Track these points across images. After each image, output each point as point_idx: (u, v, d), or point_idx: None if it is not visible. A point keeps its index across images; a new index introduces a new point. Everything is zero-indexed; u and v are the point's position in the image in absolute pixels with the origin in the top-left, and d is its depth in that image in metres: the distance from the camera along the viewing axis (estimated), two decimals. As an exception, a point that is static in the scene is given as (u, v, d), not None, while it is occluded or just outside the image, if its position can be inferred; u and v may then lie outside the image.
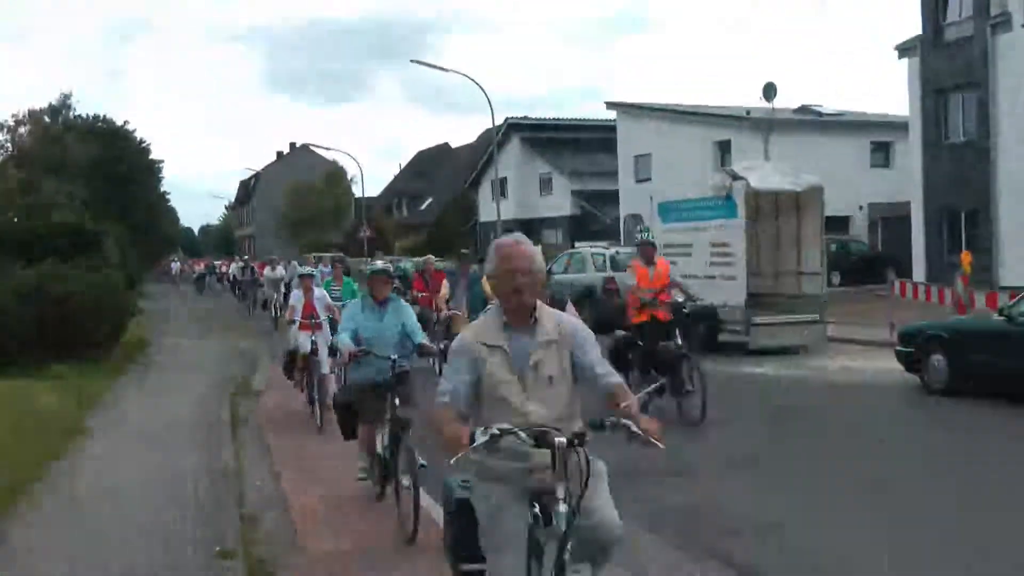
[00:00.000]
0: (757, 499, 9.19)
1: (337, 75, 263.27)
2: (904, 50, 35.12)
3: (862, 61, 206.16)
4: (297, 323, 14.27)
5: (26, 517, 8.79)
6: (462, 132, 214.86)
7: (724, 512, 8.72)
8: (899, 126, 38.33)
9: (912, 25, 43.36)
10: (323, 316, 14.40)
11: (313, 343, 13.90)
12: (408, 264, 45.36)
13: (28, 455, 11.08)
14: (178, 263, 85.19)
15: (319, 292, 14.92)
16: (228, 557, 7.42)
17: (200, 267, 74.51)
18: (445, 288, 18.97)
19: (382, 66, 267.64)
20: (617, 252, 28.10)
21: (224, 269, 63.16)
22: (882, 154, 43.80)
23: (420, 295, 19.83)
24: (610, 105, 52.84)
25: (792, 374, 17.79)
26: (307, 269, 16.88)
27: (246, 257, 38.91)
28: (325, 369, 13.87)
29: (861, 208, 41.87)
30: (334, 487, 9.92)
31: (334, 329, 12.33)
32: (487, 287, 8.99)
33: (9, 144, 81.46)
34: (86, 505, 9.25)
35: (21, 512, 8.96)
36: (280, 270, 33.23)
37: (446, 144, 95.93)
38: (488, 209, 60.39)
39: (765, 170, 21.72)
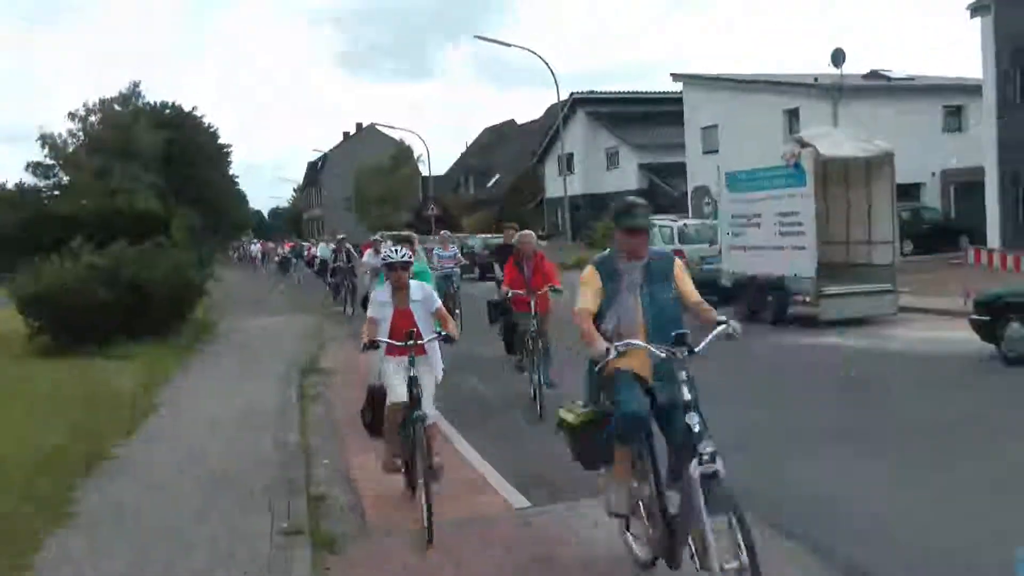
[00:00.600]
0: (829, 474, 9.04)
1: (402, 53, 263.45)
2: (976, 9, 34.20)
3: (932, 23, 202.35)
4: (383, 346, 8.25)
5: (96, 492, 8.90)
6: (528, 108, 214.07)
7: (793, 487, 8.59)
8: (972, 89, 37.48)
9: (984, -16, 42.23)
10: (428, 330, 8.43)
11: (413, 385, 8.08)
12: (476, 242, 45.32)
13: (99, 432, 11.25)
14: (258, 244, 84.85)
15: (420, 289, 8.54)
16: (295, 534, 7.44)
17: (286, 248, 66.38)
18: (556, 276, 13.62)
19: (447, 43, 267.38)
20: (685, 225, 27.89)
21: (312, 251, 53.21)
22: (955, 118, 42.89)
23: (512, 293, 13.39)
24: (676, 77, 52.34)
25: (864, 345, 17.49)
26: (400, 254, 8.43)
27: (341, 236, 31.59)
28: (430, 418, 8.20)
29: (933, 174, 41.11)
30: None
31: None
32: None
33: (81, 132, 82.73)
34: (154, 481, 9.34)
35: (92, 487, 9.08)
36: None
37: (512, 120, 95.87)
38: (555, 185, 60.31)
39: (834, 137, 21.36)
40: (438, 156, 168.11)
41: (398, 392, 8.08)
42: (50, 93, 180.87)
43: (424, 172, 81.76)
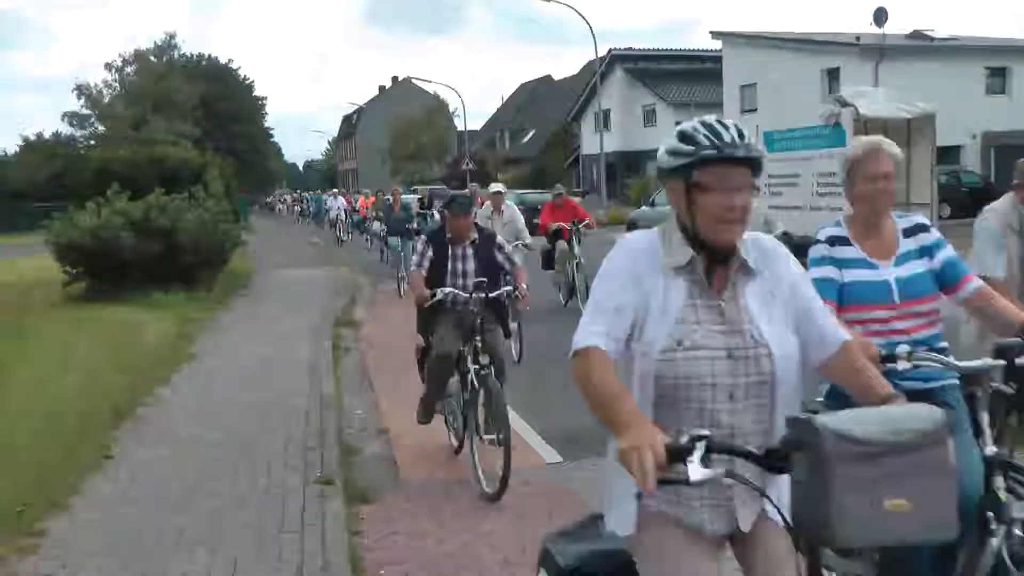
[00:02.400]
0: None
1: (438, 6, 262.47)
2: (1023, -30, 33.67)
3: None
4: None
5: (130, 441, 8.96)
6: (565, 64, 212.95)
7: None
8: (1017, 50, 37.03)
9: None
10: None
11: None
12: (511, 198, 45.27)
13: (133, 381, 11.33)
14: (287, 196, 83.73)
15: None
16: (328, 484, 7.46)
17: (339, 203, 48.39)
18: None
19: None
20: (721, 183, 27.74)
21: (367, 209, 39.95)
22: (998, 80, 42.34)
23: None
24: (715, 35, 51.82)
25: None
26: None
27: (417, 190, 25.91)
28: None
29: (974, 137, 40.65)
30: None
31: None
32: None
33: (117, 83, 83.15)
34: (186, 430, 9.40)
35: (125, 436, 9.16)
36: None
37: (548, 76, 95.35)
38: (591, 142, 60.01)
39: (875, 97, 21.11)
40: (473, 111, 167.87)
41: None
42: (86, 44, 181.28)
43: (459, 127, 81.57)
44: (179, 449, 8.71)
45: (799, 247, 15.31)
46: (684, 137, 3.01)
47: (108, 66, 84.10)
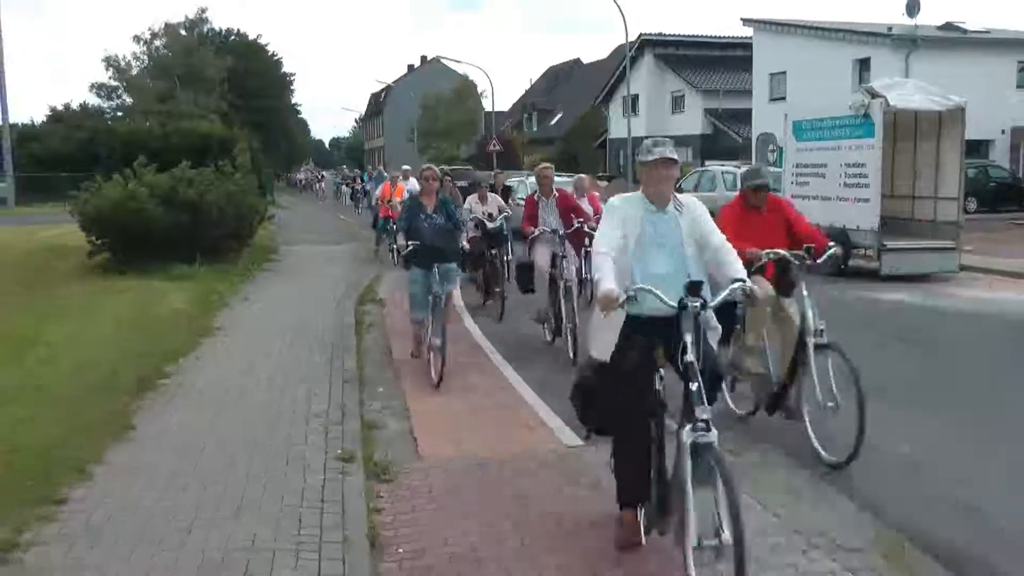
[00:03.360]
0: (886, 430, 8.95)
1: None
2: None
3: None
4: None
5: (153, 412, 9.03)
6: (594, 48, 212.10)
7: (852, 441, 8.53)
8: (1051, 45, 36.74)
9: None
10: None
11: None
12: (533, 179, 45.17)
13: (156, 352, 11.41)
14: (321, 175, 78.81)
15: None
16: (348, 460, 7.50)
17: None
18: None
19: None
20: (748, 171, 27.58)
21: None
22: (1031, 74, 42.06)
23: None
24: (746, 21, 51.59)
25: (924, 302, 17.21)
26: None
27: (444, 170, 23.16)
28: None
29: (1003, 132, 40.38)
30: (455, 396, 9.98)
31: None
32: None
33: (145, 56, 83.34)
34: (208, 403, 9.46)
35: (148, 406, 9.24)
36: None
37: (578, 59, 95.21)
38: (619, 126, 59.83)
39: (905, 88, 20.94)
40: (502, 92, 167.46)
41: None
42: (115, 15, 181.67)
43: (487, 107, 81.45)
44: (201, 421, 8.77)
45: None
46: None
47: (137, 38, 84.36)
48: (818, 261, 8.25)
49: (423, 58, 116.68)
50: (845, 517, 6.56)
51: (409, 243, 11.15)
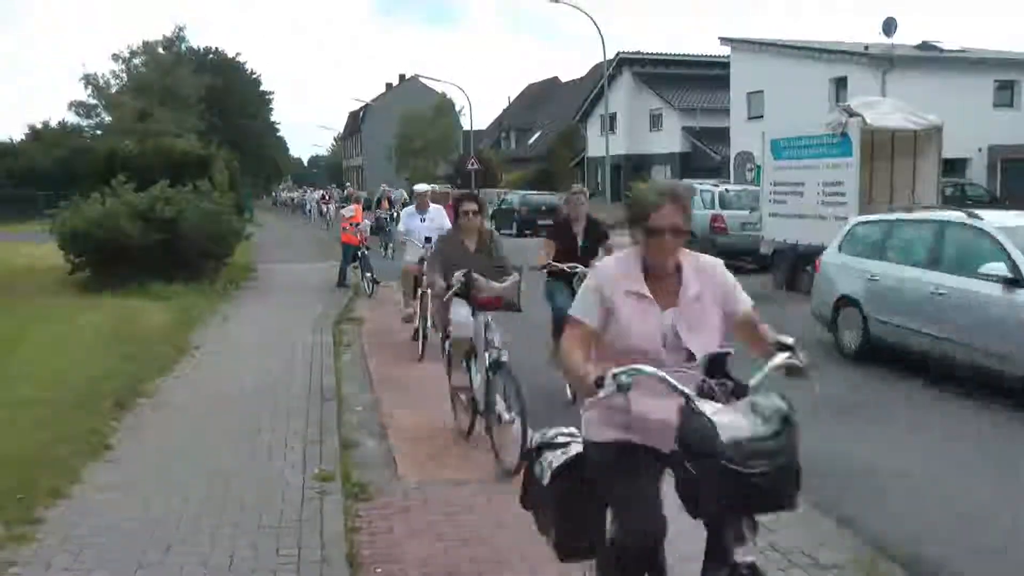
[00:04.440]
0: (861, 446, 9.00)
1: (447, 4, 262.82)
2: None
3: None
4: None
5: (131, 430, 9.04)
6: (571, 66, 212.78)
7: (828, 460, 8.56)
8: (1025, 64, 37.00)
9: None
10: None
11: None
12: (513, 198, 45.12)
13: (134, 370, 11.37)
14: (314, 193, 70.27)
15: None
16: (326, 480, 7.49)
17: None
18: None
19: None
20: (726, 190, 27.69)
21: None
22: (1006, 93, 42.23)
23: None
24: (724, 40, 51.80)
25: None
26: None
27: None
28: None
29: (980, 150, 40.62)
30: (434, 415, 9.97)
31: None
32: None
33: (124, 74, 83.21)
34: (187, 421, 9.46)
35: (127, 425, 9.23)
36: None
37: (555, 78, 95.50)
38: (597, 144, 60.01)
39: (882, 107, 21.06)
40: (480, 111, 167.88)
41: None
42: (95, 33, 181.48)
43: (466, 125, 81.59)
44: (179, 440, 8.76)
45: (803, 256, 15.29)
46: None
47: (115, 56, 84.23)
48: None
49: (401, 76, 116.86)
50: (824, 534, 6.57)
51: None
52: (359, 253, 21.43)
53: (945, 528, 6.82)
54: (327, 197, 59.08)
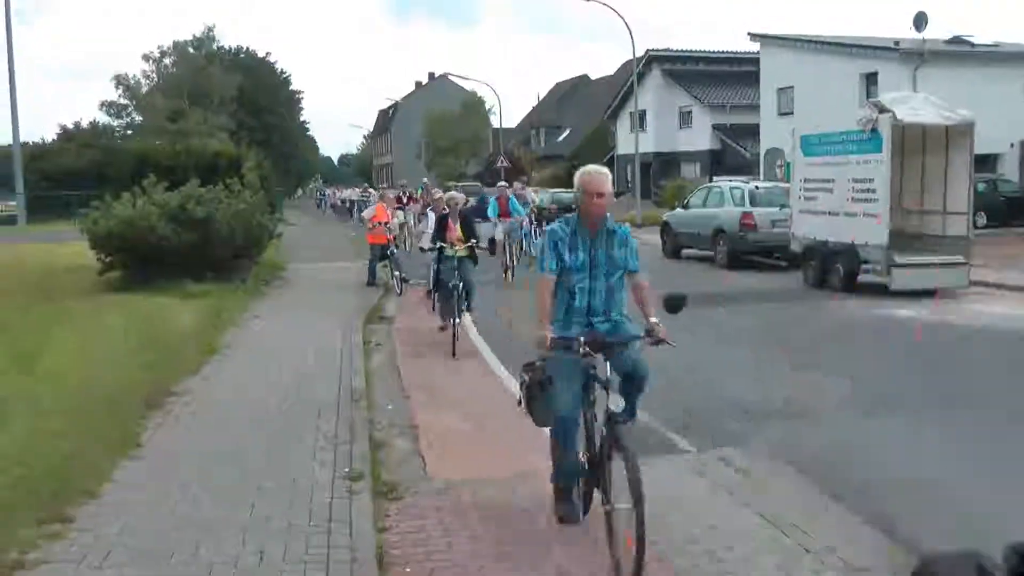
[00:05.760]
0: (893, 445, 8.94)
1: (472, 3, 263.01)
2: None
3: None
4: None
5: (161, 429, 9.09)
6: (601, 63, 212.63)
7: (859, 458, 8.51)
8: (1060, 58, 36.61)
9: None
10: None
11: None
12: (545, 196, 45.02)
13: (164, 370, 11.40)
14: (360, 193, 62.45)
15: None
16: (356, 479, 7.49)
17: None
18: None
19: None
20: (756, 187, 27.55)
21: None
22: (1039, 88, 41.94)
23: None
24: (753, 36, 51.58)
25: (933, 317, 17.16)
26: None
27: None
28: None
29: (1012, 145, 40.29)
30: (463, 415, 9.97)
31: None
32: None
33: (155, 74, 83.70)
34: (217, 421, 9.49)
35: (156, 424, 9.28)
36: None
37: (585, 75, 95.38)
38: (626, 142, 59.90)
39: (914, 102, 20.90)
40: (509, 109, 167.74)
41: None
42: (125, 33, 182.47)
43: (495, 123, 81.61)
44: (209, 439, 8.78)
45: (834, 253, 15.33)
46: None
47: (146, 57, 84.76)
48: None
49: (431, 75, 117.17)
50: (855, 535, 6.53)
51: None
52: (389, 252, 21.46)
53: (977, 528, 6.76)
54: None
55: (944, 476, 7.93)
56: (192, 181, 21.18)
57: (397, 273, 20.89)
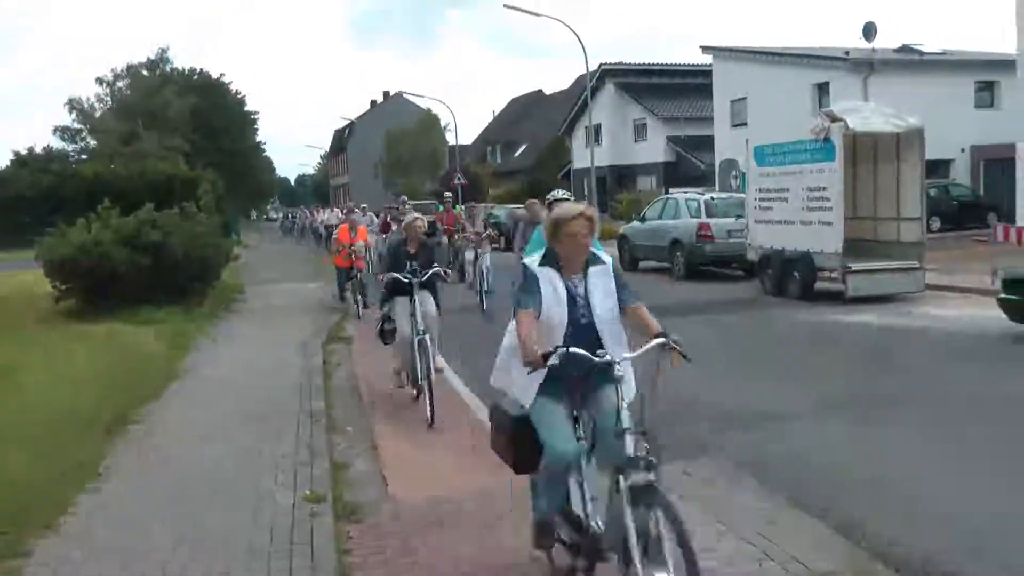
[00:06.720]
0: (854, 449, 9.00)
1: (429, 22, 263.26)
2: (1010, -18, 33.63)
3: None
4: None
5: (121, 455, 9.02)
6: (557, 78, 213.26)
7: (821, 463, 8.56)
8: (1006, 64, 36.96)
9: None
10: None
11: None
12: (501, 212, 45.07)
13: (124, 396, 11.33)
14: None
15: None
16: (318, 501, 7.46)
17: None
18: None
19: (471, 11, 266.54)
20: (712, 198, 27.72)
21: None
22: (987, 94, 42.40)
23: None
24: (705, 49, 52.01)
25: (889, 322, 17.31)
26: None
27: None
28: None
29: (963, 151, 40.76)
30: (423, 435, 9.96)
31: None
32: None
33: (109, 97, 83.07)
34: (178, 446, 9.43)
35: (117, 451, 9.21)
36: None
37: (539, 91, 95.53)
38: (582, 155, 60.06)
39: (865, 111, 21.16)
40: (465, 126, 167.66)
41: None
42: (78, 58, 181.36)
43: (451, 141, 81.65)
44: (169, 466, 8.72)
45: (790, 261, 15.44)
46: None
47: (99, 80, 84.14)
48: None
49: (385, 93, 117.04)
50: (818, 540, 6.56)
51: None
52: (353, 275, 20.72)
53: (940, 530, 6.81)
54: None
55: (904, 475, 8.00)
56: (147, 205, 21.05)
57: (360, 298, 20.37)
